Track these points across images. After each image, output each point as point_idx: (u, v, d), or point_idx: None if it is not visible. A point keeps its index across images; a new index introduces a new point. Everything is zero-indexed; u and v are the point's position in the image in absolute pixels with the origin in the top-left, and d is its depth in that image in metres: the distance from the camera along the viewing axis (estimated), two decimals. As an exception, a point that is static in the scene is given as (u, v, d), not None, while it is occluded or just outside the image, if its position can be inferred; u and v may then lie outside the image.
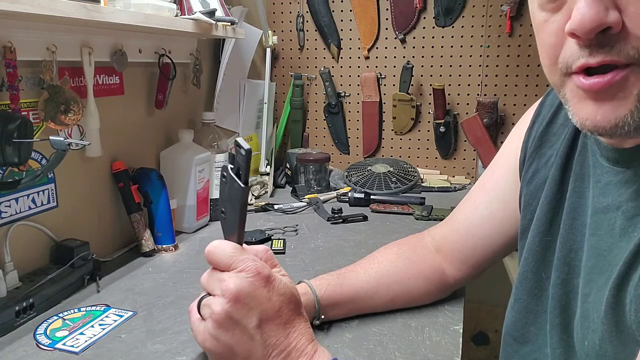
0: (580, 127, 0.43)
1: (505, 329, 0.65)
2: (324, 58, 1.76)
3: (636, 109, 0.39)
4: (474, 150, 1.66)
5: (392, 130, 1.74)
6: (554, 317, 0.54)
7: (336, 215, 1.30)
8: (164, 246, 1.11)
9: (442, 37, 1.64)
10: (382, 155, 1.78)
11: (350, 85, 1.75)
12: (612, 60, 0.38)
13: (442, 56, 1.66)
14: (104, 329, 0.79)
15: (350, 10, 1.69)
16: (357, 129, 1.78)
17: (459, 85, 1.66)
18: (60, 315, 0.83)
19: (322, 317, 0.74)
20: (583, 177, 0.54)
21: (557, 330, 0.54)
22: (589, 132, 0.43)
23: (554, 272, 0.55)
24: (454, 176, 1.71)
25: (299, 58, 1.78)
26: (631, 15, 0.37)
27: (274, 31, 1.70)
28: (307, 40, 1.76)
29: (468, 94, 1.66)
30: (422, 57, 1.67)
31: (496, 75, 1.62)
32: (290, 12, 1.76)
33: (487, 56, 1.62)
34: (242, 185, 0.52)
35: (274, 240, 1.14)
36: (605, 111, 0.40)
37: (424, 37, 1.66)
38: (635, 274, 0.43)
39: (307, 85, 1.79)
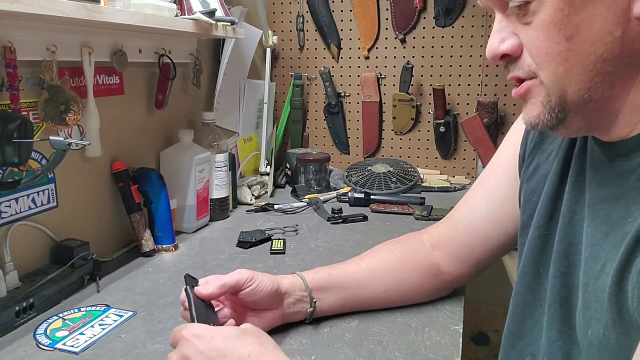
0: None
1: (505, 325, 0.65)
2: (324, 58, 1.76)
3: (542, 112, 0.49)
4: (474, 150, 1.66)
5: (392, 130, 1.74)
6: (553, 310, 0.54)
7: (336, 215, 1.30)
8: (164, 246, 1.11)
9: (442, 37, 1.64)
10: (382, 155, 1.78)
11: (350, 85, 1.75)
12: (516, 76, 0.50)
13: (442, 56, 1.66)
14: (104, 329, 0.79)
15: (350, 10, 1.69)
16: (357, 129, 1.78)
17: (459, 85, 1.66)
18: (60, 315, 0.83)
19: (314, 301, 0.75)
20: (583, 172, 0.55)
21: (556, 323, 0.54)
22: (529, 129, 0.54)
23: (553, 265, 0.55)
24: (454, 176, 1.71)
25: (299, 58, 1.78)
26: (522, 41, 0.48)
27: (274, 31, 1.70)
28: (307, 40, 1.76)
29: (468, 94, 1.66)
30: (422, 57, 1.67)
31: (496, 75, 1.62)
32: (290, 12, 1.76)
33: (487, 56, 1.61)
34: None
35: (274, 240, 1.14)
36: (525, 113, 0.52)
37: (424, 37, 1.66)
38: (636, 261, 0.43)
39: (307, 85, 1.79)
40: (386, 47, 1.69)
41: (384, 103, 1.73)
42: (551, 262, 0.56)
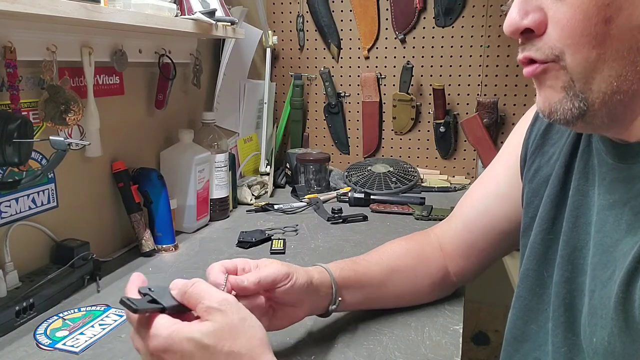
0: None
1: (506, 328, 0.65)
2: (324, 58, 1.76)
3: (564, 99, 0.45)
4: (474, 150, 1.66)
5: (392, 130, 1.74)
6: (558, 316, 0.54)
7: (336, 215, 1.30)
8: (164, 246, 1.11)
9: (442, 37, 1.64)
10: (382, 155, 1.78)
11: (350, 85, 1.75)
12: (531, 56, 0.45)
13: (442, 56, 1.66)
14: (104, 329, 0.79)
15: (350, 10, 1.69)
16: (357, 129, 1.78)
17: (459, 85, 1.66)
18: (60, 315, 0.83)
19: (340, 299, 0.72)
20: (587, 175, 0.54)
21: (561, 329, 0.53)
22: (544, 117, 0.48)
23: (557, 270, 0.55)
24: (454, 176, 1.71)
25: (299, 58, 1.78)
26: (550, 18, 0.44)
27: (274, 31, 1.70)
28: (307, 40, 1.76)
29: (468, 94, 1.66)
30: (422, 57, 1.67)
31: (496, 75, 1.62)
32: (290, 12, 1.76)
33: (487, 56, 1.62)
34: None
35: (274, 240, 1.14)
36: (543, 98, 0.47)
37: (424, 37, 1.66)
38: None
39: (307, 85, 1.79)
40: (386, 47, 1.69)
41: (384, 103, 1.73)
42: (555, 267, 0.55)
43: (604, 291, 0.47)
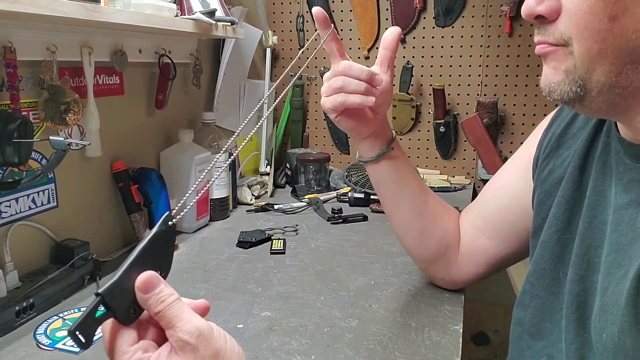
0: None
1: (516, 325, 0.65)
2: (324, 58, 1.76)
3: (563, 81, 0.47)
4: (474, 150, 1.66)
5: (392, 130, 1.74)
6: (570, 313, 0.54)
7: (336, 215, 1.30)
8: (164, 246, 1.11)
9: (442, 37, 1.64)
10: (382, 155, 1.78)
11: (350, 85, 1.75)
12: (544, 40, 0.48)
13: (442, 56, 1.66)
14: (104, 329, 0.79)
15: (350, 10, 1.69)
16: (357, 129, 1.78)
17: (459, 85, 1.66)
18: (61, 315, 0.83)
19: (392, 147, 0.83)
20: (604, 176, 0.54)
21: (573, 326, 0.54)
22: (545, 95, 0.51)
23: (572, 268, 0.55)
24: (454, 176, 1.71)
25: (299, 58, 1.78)
26: (564, 6, 0.45)
27: (274, 31, 1.70)
28: (307, 40, 1.76)
29: (468, 94, 1.66)
30: (422, 57, 1.67)
31: (496, 75, 1.62)
32: (290, 12, 1.76)
33: (487, 56, 1.62)
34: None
35: (274, 240, 1.14)
36: (545, 76, 0.49)
37: (424, 37, 1.66)
38: None
39: (307, 85, 1.79)
40: (386, 47, 1.69)
41: (384, 103, 1.73)
42: (570, 265, 0.56)
43: (617, 288, 0.47)
